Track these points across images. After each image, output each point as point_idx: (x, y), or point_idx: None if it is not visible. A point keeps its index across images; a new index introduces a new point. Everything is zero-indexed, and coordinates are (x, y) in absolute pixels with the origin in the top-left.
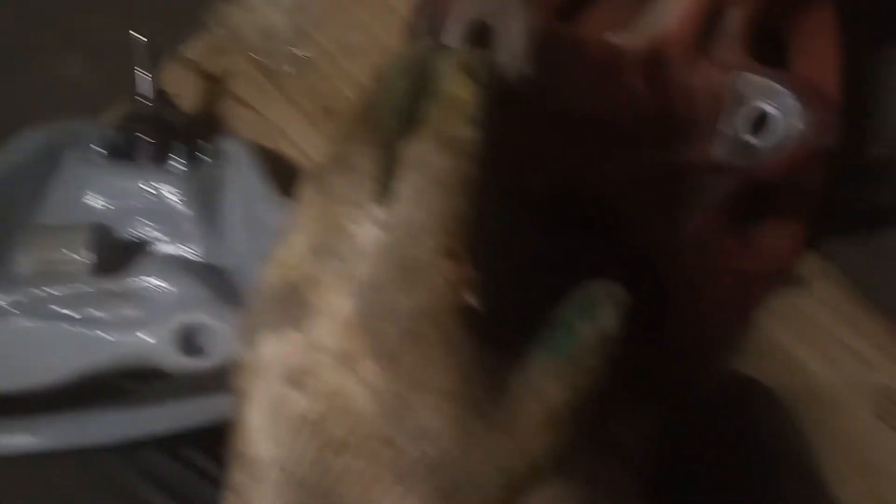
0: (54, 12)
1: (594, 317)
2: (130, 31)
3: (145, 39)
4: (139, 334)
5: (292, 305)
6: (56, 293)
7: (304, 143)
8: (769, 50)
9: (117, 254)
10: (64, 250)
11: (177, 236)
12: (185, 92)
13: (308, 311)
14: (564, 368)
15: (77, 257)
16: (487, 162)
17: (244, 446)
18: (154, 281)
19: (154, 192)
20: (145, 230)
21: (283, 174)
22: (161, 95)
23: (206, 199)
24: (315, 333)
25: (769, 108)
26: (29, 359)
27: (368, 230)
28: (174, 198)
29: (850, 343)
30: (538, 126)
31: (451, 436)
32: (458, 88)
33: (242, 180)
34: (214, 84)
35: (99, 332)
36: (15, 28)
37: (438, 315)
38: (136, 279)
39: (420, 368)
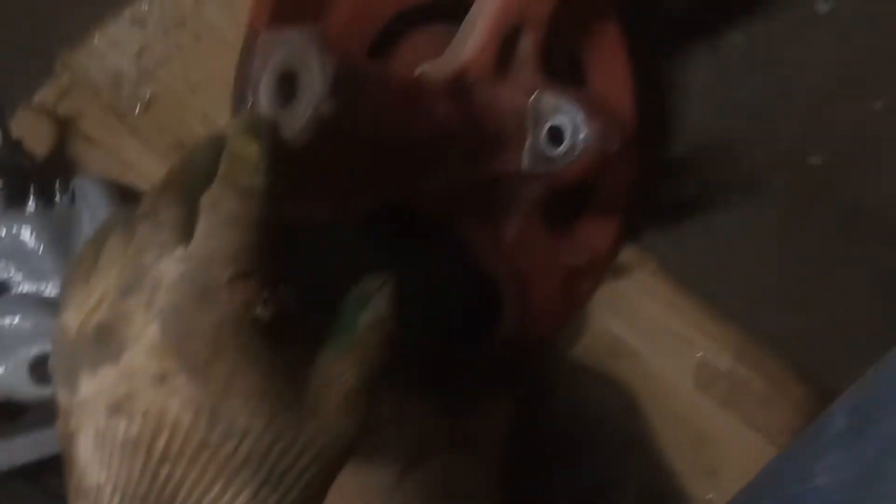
0: None
1: (369, 305)
2: None
3: None
4: None
5: (107, 342)
6: None
7: (156, 177)
8: (573, 71)
9: None
10: None
11: (34, 275)
12: (38, 136)
13: (122, 345)
14: (350, 352)
15: None
16: (286, 194)
17: (79, 480)
18: (9, 319)
19: (10, 234)
20: (4, 272)
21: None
22: (12, 141)
23: (61, 237)
24: (130, 362)
25: (561, 122)
26: None
27: (169, 265)
28: (30, 238)
29: (669, 324)
30: (358, 151)
31: (260, 429)
32: (241, 145)
33: (95, 215)
34: (65, 127)
35: None
36: None
37: (235, 328)
38: None
39: (226, 376)
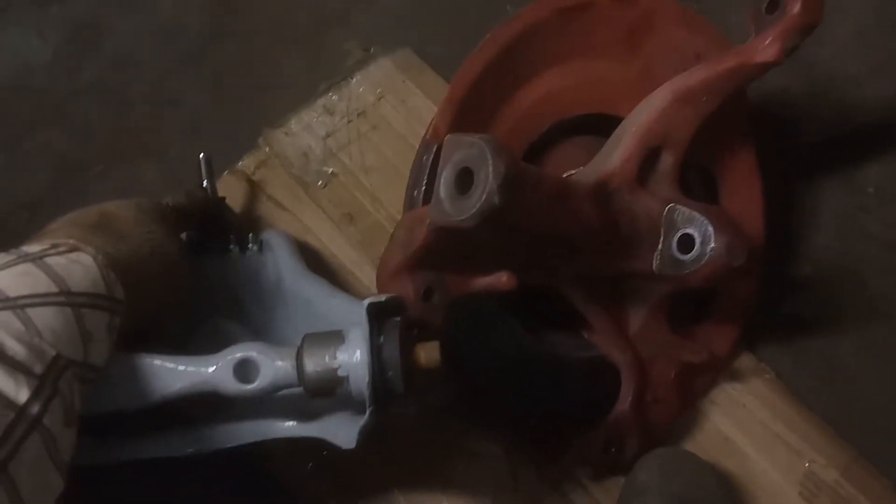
0: (136, 128)
1: None
2: (200, 152)
3: (208, 155)
4: (206, 367)
5: None
6: None
7: (329, 241)
8: (708, 186)
9: None
10: None
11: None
12: (238, 196)
13: None
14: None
15: None
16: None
17: None
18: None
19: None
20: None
21: (311, 262)
22: (218, 197)
23: (251, 277)
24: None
25: (692, 232)
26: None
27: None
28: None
29: (780, 433)
30: (513, 237)
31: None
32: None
33: (278, 262)
34: (260, 191)
35: (177, 366)
36: (104, 141)
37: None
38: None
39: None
